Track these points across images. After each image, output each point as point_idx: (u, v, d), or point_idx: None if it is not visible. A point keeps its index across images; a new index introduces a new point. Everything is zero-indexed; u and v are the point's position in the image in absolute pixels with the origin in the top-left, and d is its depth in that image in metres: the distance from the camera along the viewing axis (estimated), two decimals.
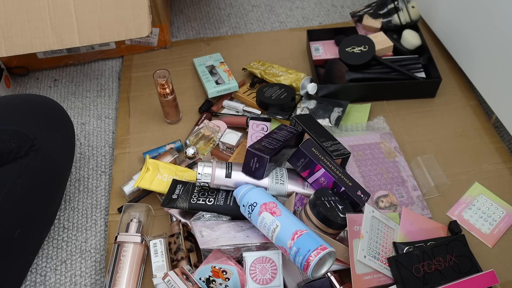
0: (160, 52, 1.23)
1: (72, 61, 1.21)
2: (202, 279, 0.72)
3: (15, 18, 0.89)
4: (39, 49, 0.90)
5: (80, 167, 1.00)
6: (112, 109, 1.12)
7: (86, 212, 0.93)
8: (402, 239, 0.78)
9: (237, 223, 0.78)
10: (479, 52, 0.99)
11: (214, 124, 0.97)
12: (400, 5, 1.12)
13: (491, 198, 0.88)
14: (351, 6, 1.35)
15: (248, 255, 0.70)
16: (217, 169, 0.78)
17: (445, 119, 1.03)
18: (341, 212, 0.74)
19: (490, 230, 0.84)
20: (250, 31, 1.29)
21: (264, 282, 0.70)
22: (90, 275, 0.84)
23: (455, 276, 0.73)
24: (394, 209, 0.86)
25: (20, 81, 1.19)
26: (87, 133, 1.07)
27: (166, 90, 0.96)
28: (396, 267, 0.73)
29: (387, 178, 0.90)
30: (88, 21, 0.90)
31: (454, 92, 1.08)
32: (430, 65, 1.07)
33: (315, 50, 1.15)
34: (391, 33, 1.13)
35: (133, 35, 0.92)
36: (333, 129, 0.99)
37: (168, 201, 0.80)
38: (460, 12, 1.03)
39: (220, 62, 1.14)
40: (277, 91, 1.03)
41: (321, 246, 0.65)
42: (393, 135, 0.98)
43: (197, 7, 1.38)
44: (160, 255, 0.79)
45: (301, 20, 1.32)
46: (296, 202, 0.78)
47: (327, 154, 0.82)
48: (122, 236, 0.80)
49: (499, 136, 1.00)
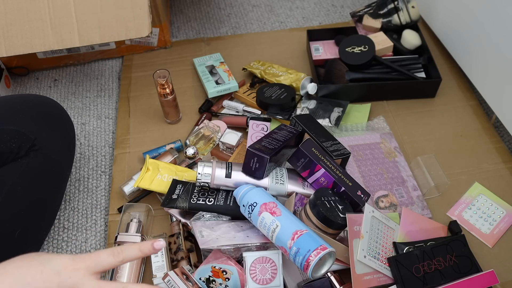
0: (160, 52, 1.23)
1: (72, 61, 1.21)
2: (202, 279, 0.72)
3: (15, 18, 0.89)
4: (39, 49, 0.90)
5: (80, 167, 1.00)
6: (112, 109, 1.12)
7: (86, 212, 0.93)
8: (402, 239, 0.78)
9: (237, 223, 0.78)
10: (479, 52, 0.99)
11: (214, 124, 0.97)
12: (400, 5, 1.12)
13: (491, 198, 0.88)
14: (351, 6, 1.35)
15: (248, 255, 0.71)
16: (217, 169, 0.78)
17: (445, 119, 1.03)
18: (341, 212, 0.74)
19: (490, 230, 0.84)
20: (250, 31, 1.29)
21: (264, 282, 0.70)
22: None
23: (455, 276, 0.73)
24: (394, 209, 0.86)
25: (20, 81, 1.20)
26: (87, 133, 1.07)
27: (166, 90, 0.96)
28: (396, 267, 0.73)
29: (387, 178, 0.90)
30: (88, 21, 0.90)
31: (454, 92, 1.08)
32: (430, 65, 1.07)
33: (315, 50, 1.15)
34: (391, 33, 1.13)
35: (133, 35, 0.92)
36: (333, 129, 0.99)
37: (168, 201, 0.80)
38: (460, 12, 1.03)
39: (220, 62, 1.14)
40: (277, 91, 1.03)
41: (321, 246, 0.65)
42: (393, 135, 0.98)
43: (197, 7, 1.38)
44: (160, 255, 0.79)
45: (301, 20, 1.32)
46: (296, 202, 0.78)
47: (327, 154, 0.82)
48: (122, 236, 0.80)
49: (499, 136, 1.00)
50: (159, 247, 0.53)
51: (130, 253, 0.52)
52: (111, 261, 0.51)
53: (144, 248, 0.53)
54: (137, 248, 0.53)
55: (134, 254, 0.52)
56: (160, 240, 0.53)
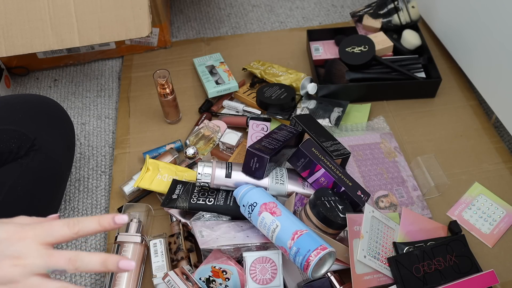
0: (160, 52, 1.23)
1: (72, 61, 1.21)
2: (202, 279, 0.72)
3: (15, 18, 0.89)
4: (39, 49, 0.90)
5: (80, 167, 1.00)
6: (112, 109, 1.12)
7: (86, 212, 0.93)
8: (402, 239, 0.78)
9: (237, 223, 0.78)
10: (479, 52, 0.99)
11: (214, 124, 0.97)
12: (400, 5, 1.12)
13: (491, 198, 0.88)
14: (351, 6, 1.35)
15: (248, 255, 0.70)
16: (217, 169, 0.78)
17: (445, 119, 1.03)
18: (341, 212, 0.74)
19: (490, 230, 0.84)
20: (250, 31, 1.29)
21: (264, 282, 0.70)
22: (90, 275, 0.84)
23: (455, 276, 0.73)
24: (394, 209, 0.86)
25: (20, 81, 1.19)
26: (87, 133, 1.07)
27: (166, 90, 0.96)
28: (396, 267, 0.73)
29: (387, 178, 0.90)
30: (88, 21, 0.90)
31: (454, 92, 1.08)
32: (430, 65, 1.07)
33: (315, 50, 1.15)
34: (391, 33, 1.13)
35: (133, 35, 0.92)
36: (333, 129, 0.99)
37: (168, 201, 0.80)
38: (460, 12, 1.03)
39: (220, 62, 1.14)
40: (277, 91, 1.03)
41: (321, 246, 0.65)
42: (393, 135, 0.98)
43: (197, 7, 1.38)
44: (160, 255, 0.79)
45: (301, 20, 1.32)
46: (296, 202, 0.78)
47: (327, 154, 0.82)
48: (122, 236, 0.80)
49: (499, 136, 1.00)
50: (120, 221, 0.47)
51: (87, 225, 0.46)
52: (65, 231, 0.45)
53: (104, 222, 0.46)
54: (95, 220, 0.46)
55: (92, 227, 0.46)
56: (123, 215, 0.47)
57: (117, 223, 0.47)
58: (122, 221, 0.47)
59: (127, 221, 0.54)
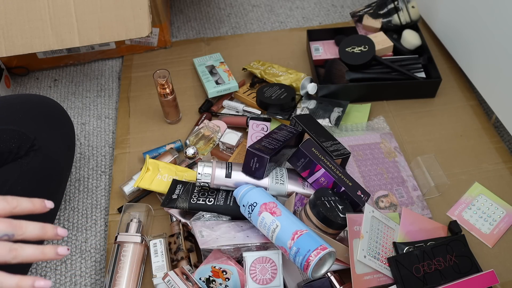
0: (160, 52, 1.23)
1: (72, 61, 1.21)
2: (202, 279, 0.72)
3: (15, 18, 0.89)
4: (39, 49, 0.90)
5: (80, 167, 1.00)
6: (112, 109, 1.12)
7: (86, 212, 0.93)
8: (402, 239, 0.78)
9: (237, 223, 0.78)
10: (479, 52, 0.99)
11: (214, 124, 0.97)
12: (400, 5, 1.12)
13: (491, 198, 0.88)
14: (351, 6, 1.35)
15: (248, 255, 0.70)
16: (217, 169, 0.78)
17: (445, 119, 1.03)
18: (341, 212, 0.74)
19: (490, 230, 0.84)
20: (250, 31, 1.29)
21: (264, 282, 0.70)
22: (90, 275, 0.84)
23: (455, 276, 0.73)
24: (394, 209, 0.86)
25: (20, 81, 1.20)
26: (87, 133, 1.07)
27: (166, 90, 0.96)
28: (396, 267, 0.73)
29: (387, 178, 0.90)
30: (88, 21, 0.90)
31: (454, 92, 1.08)
32: (430, 65, 1.07)
33: (315, 50, 1.15)
34: (391, 33, 1.13)
35: (133, 35, 0.92)
36: (333, 129, 0.99)
37: (168, 201, 0.80)
38: (460, 12, 1.03)
39: (220, 62, 1.14)
40: (277, 91, 1.03)
41: (321, 246, 0.65)
42: (393, 135, 0.98)
43: (197, 7, 1.38)
44: (160, 255, 0.79)
45: (301, 20, 1.32)
46: (296, 202, 0.78)
47: (327, 154, 0.82)
48: (122, 236, 0.80)
49: (499, 136, 1.00)
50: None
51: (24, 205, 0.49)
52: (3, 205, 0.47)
53: (37, 205, 0.50)
54: (31, 204, 0.49)
55: (28, 207, 0.49)
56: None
57: (47, 207, 0.50)
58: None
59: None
